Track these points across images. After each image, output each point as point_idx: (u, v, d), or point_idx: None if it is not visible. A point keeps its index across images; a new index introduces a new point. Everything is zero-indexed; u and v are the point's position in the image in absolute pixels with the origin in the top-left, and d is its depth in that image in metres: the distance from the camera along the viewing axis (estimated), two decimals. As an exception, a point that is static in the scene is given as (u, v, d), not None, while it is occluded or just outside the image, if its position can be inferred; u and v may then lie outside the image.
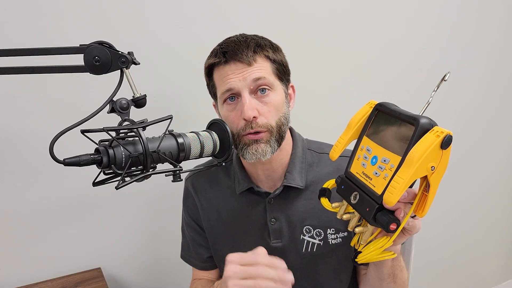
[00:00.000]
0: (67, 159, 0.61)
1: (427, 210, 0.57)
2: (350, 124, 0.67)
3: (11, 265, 1.09)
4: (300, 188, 0.88)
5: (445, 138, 0.51)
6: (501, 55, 1.83)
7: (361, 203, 0.59)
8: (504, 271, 2.27)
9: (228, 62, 0.80)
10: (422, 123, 0.53)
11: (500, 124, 1.94)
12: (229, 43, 0.81)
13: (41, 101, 1.04)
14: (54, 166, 0.66)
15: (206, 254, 1.00)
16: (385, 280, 0.77)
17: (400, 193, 0.52)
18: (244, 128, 0.79)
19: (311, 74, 1.38)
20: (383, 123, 0.62)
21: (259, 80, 0.79)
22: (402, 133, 0.57)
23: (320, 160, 0.92)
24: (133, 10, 1.09)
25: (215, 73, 0.83)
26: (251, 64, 0.79)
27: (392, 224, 0.55)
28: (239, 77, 0.79)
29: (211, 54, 0.84)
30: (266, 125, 0.80)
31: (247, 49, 0.79)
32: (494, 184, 2.04)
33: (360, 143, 0.65)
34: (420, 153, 0.51)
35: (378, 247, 0.60)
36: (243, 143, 0.81)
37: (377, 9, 1.45)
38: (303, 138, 0.95)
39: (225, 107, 0.83)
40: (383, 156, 0.58)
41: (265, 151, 0.80)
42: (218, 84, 0.83)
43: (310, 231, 0.88)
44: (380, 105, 0.63)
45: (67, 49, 0.68)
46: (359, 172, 0.62)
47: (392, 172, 0.55)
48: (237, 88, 0.79)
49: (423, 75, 1.60)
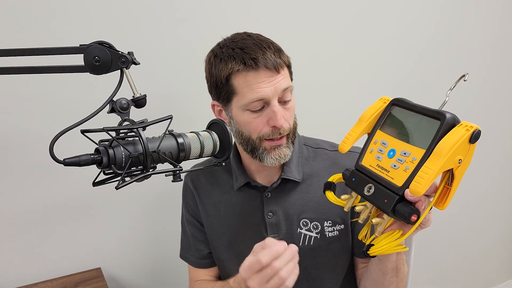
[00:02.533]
0: (67, 159, 0.61)
1: (449, 203, 0.58)
2: (362, 118, 0.68)
3: (11, 265, 1.09)
4: (297, 181, 0.89)
5: (474, 132, 0.54)
6: (499, 53, 1.83)
7: (377, 195, 0.60)
8: (504, 271, 2.27)
9: (258, 69, 0.77)
10: (448, 118, 0.56)
11: (501, 122, 1.94)
12: (251, 47, 0.78)
13: (41, 101, 1.04)
14: (54, 166, 0.66)
15: (206, 250, 1.00)
16: (388, 274, 0.77)
17: (428, 183, 0.53)
18: (270, 134, 0.81)
19: (309, 72, 1.38)
20: (401, 117, 0.63)
21: (287, 89, 0.80)
22: (425, 127, 0.58)
23: (316, 155, 0.94)
24: (133, 10, 1.09)
25: (239, 79, 0.78)
26: (279, 71, 0.78)
27: (413, 216, 0.55)
28: (270, 87, 0.77)
29: (232, 58, 0.78)
30: (289, 129, 0.83)
31: (273, 55, 0.78)
32: (494, 183, 2.04)
33: (374, 136, 0.66)
34: (450, 145, 0.53)
35: (392, 239, 0.61)
36: (263, 148, 0.83)
37: (375, 8, 1.45)
38: (299, 134, 0.96)
39: (247, 113, 0.80)
40: (403, 149, 0.60)
41: (286, 154, 0.84)
42: (242, 90, 0.79)
43: (307, 224, 0.89)
44: (398, 100, 0.65)
45: (67, 49, 0.69)
46: (373, 165, 0.63)
47: (414, 165, 0.57)
48: (268, 97, 0.78)
49: (421, 74, 1.60)
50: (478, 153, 1.97)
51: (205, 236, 1.00)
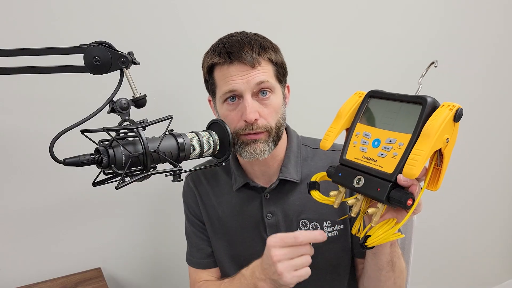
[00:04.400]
0: (67, 159, 0.61)
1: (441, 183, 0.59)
2: (340, 113, 0.69)
3: (11, 265, 1.09)
4: (296, 181, 0.89)
5: (457, 111, 0.56)
6: (497, 51, 1.83)
7: (369, 186, 0.60)
8: (504, 271, 2.27)
9: (232, 63, 0.79)
10: (429, 101, 0.58)
11: (501, 120, 1.94)
12: (232, 42, 0.81)
13: (41, 101, 1.04)
14: (54, 166, 0.66)
15: (209, 249, 0.99)
16: (384, 268, 0.77)
17: (422, 165, 0.55)
18: (244, 128, 0.81)
19: (306, 71, 1.38)
20: (380, 107, 0.65)
21: (262, 83, 0.80)
22: (406, 113, 0.60)
23: (315, 155, 0.94)
24: (133, 10, 1.09)
25: (217, 72, 0.83)
26: (255, 66, 0.79)
27: (409, 200, 0.56)
28: (242, 80, 0.79)
29: (214, 52, 0.83)
30: (266, 127, 0.82)
31: (251, 51, 0.80)
32: (494, 183, 2.04)
33: (354, 130, 0.67)
34: (438, 125, 0.55)
35: (388, 228, 0.61)
36: (241, 141, 0.83)
37: (375, 8, 1.45)
38: (298, 134, 0.96)
39: (225, 106, 0.83)
40: (388, 137, 0.61)
41: (263, 150, 0.82)
42: (219, 83, 0.83)
43: (307, 224, 0.89)
44: (374, 92, 0.67)
45: (67, 49, 0.69)
46: (359, 157, 0.64)
47: (402, 150, 0.58)
48: (239, 90, 0.80)
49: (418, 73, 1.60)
50: (478, 153, 1.97)
51: (207, 233, 0.99)
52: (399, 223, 0.61)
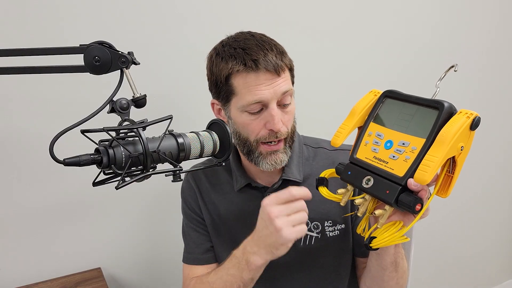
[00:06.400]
0: (67, 159, 0.61)
1: (451, 190, 0.59)
2: (354, 111, 0.68)
3: (11, 265, 1.09)
4: (298, 181, 0.89)
5: (475, 119, 0.54)
6: (497, 51, 1.83)
7: (378, 187, 0.60)
8: (504, 271, 2.27)
9: (258, 71, 0.75)
10: (446, 107, 0.56)
11: (501, 122, 1.94)
12: (252, 47, 0.77)
13: (41, 101, 1.04)
14: (54, 166, 0.66)
15: (209, 244, 0.98)
16: (387, 269, 0.77)
17: (434, 171, 0.54)
18: (267, 137, 0.80)
19: (309, 67, 1.38)
20: (396, 108, 0.63)
21: (286, 92, 0.79)
22: (422, 117, 0.59)
23: (316, 154, 0.93)
24: (133, 10, 1.09)
25: (238, 79, 0.78)
26: (280, 74, 0.77)
27: (418, 205, 0.56)
28: (269, 89, 0.76)
29: (232, 58, 0.77)
30: (287, 133, 0.82)
31: (275, 57, 0.77)
32: (494, 183, 2.04)
33: (367, 129, 0.66)
34: (453, 133, 0.54)
35: (394, 231, 0.60)
36: (258, 152, 0.82)
37: (376, 5, 1.45)
38: (299, 133, 0.96)
39: (245, 115, 0.80)
40: (401, 140, 0.60)
41: (283, 160, 0.83)
42: (241, 91, 0.78)
43: (308, 224, 0.89)
44: (390, 92, 0.65)
45: (67, 49, 0.68)
46: (370, 157, 0.63)
47: (415, 154, 0.57)
48: (266, 100, 0.77)
49: (420, 69, 1.60)
50: (478, 153, 1.97)
51: (206, 228, 0.98)
52: (406, 227, 0.60)
